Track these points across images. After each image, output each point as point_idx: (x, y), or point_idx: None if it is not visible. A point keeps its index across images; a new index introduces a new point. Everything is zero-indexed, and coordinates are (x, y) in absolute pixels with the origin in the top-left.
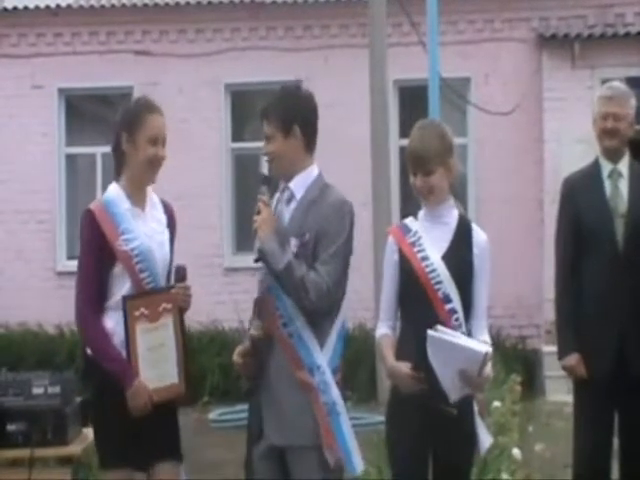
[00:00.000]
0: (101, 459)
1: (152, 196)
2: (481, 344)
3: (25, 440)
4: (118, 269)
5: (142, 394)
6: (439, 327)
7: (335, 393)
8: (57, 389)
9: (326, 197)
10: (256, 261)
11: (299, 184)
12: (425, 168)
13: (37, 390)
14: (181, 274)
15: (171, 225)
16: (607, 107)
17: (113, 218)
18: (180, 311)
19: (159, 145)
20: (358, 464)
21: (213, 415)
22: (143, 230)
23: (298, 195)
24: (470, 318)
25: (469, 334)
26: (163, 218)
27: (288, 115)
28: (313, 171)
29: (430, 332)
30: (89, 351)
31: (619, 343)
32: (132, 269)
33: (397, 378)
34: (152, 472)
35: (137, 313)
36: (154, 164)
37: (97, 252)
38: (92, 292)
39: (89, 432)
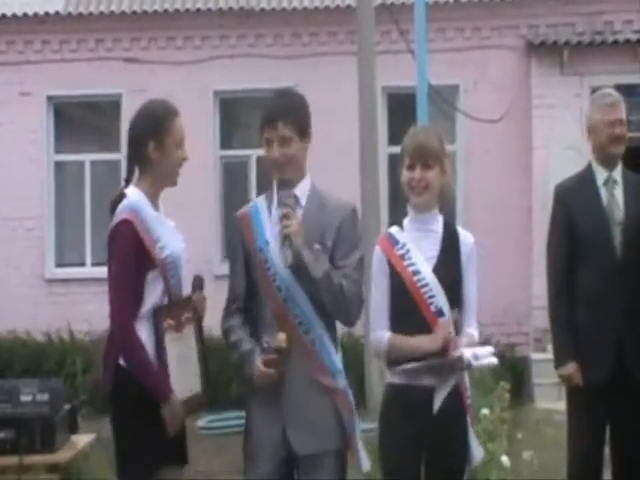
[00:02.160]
0: (125, 471)
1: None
2: (491, 354)
3: (13, 447)
4: (151, 276)
5: (179, 409)
6: (477, 353)
7: (351, 395)
8: (45, 396)
9: (333, 202)
10: (291, 268)
11: (302, 191)
12: (426, 161)
13: (25, 397)
14: (198, 283)
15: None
16: (613, 114)
17: (147, 225)
18: (199, 320)
19: (184, 147)
20: (365, 462)
21: (202, 422)
22: (170, 236)
23: (303, 202)
24: (461, 312)
25: (459, 328)
26: (173, 222)
27: (306, 119)
28: (309, 178)
29: (474, 363)
30: (122, 362)
31: (617, 350)
32: (166, 276)
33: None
34: (158, 472)
35: (166, 325)
36: (181, 166)
37: (136, 262)
38: (131, 302)
39: (77, 439)
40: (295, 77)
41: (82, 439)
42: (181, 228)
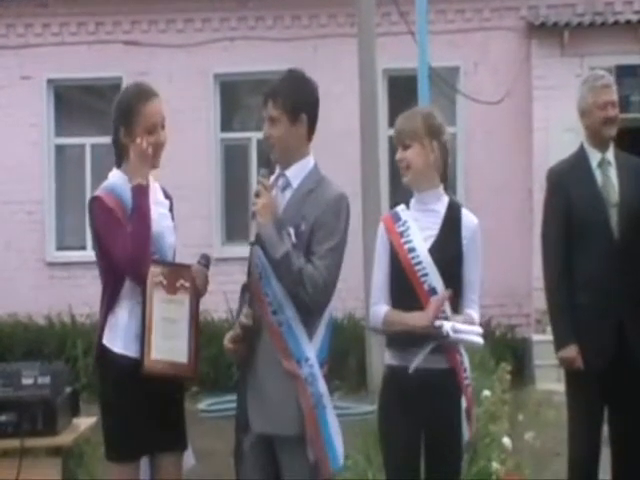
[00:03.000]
0: (111, 451)
1: (153, 182)
2: (477, 334)
3: (15, 431)
4: None
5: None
6: (458, 327)
7: (322, 386)
8: (47, 379)
9: (324, 189)
10: (252, 244)
11: (296, 173)
12: (402, 141)
13: (27, 380)
14: (203, 261)
15: (171, 209)
16: (606, 95)
17: (121, 201)
18: (197, 294)
19: (158, 131)
20: (339, 458)
21: (203, 405)
22: (153, 216)
23: (294, 184)
24: (461, 293)
25: (459, 309)
26: (166, 203)
27: (298, 101)
28: (310, 161)
29: (452, 335)
30: (105, 340)
31: (617, 332)
32: None
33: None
34: (156, 459)
35: (156, 279)
36: (158, 150)
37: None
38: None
39: (79, 422)
40: (295, 59)
41: (84, 422)
42: (182, 211)
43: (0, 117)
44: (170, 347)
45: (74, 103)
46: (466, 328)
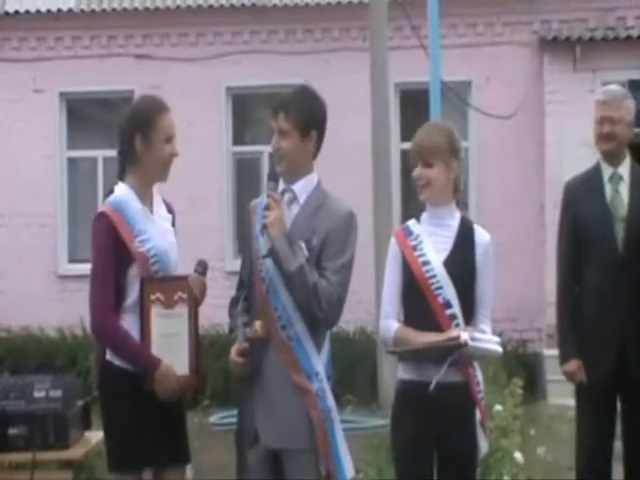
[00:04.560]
0: (112, 462)
1: (157, 195)
2: (496, 343)
3: (27, 444)
4: (134, 271)
5: (170, 377)
6: (477, 335)
7: (331, 400)
8: (59, 393)
9: (332, 205)
10: (264, 257)
11: (302, 188)
12: (425, 159)
13: (39, 394)
14: (200, 269)
15: (174, 223)
16: (602, 111)
17: (127, 219)
18: (195, 304)
19: (173, 142)
20: (349, 471)
21: (214, 418)
22: (156, 230)
23: (301, 199)
24: (475, 308)
25: (472, 324)
26: (169, 217)
27: (310, 118)
28: (314, 178)
29: (470, 343)
30: (108, 356)
31: (620, 347)
32: (148, 270)
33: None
34: (158, 472)
35: (153, 297)
36: (169, 163)
37: (113, 256)
38: (109, 297)
39: (91, 436)
40: (307, 73)
41: (95, 435)
42: (193, 224)
43: (13, 130)
44: (171, 361)
45: (86, 116)
46: (484, 337)
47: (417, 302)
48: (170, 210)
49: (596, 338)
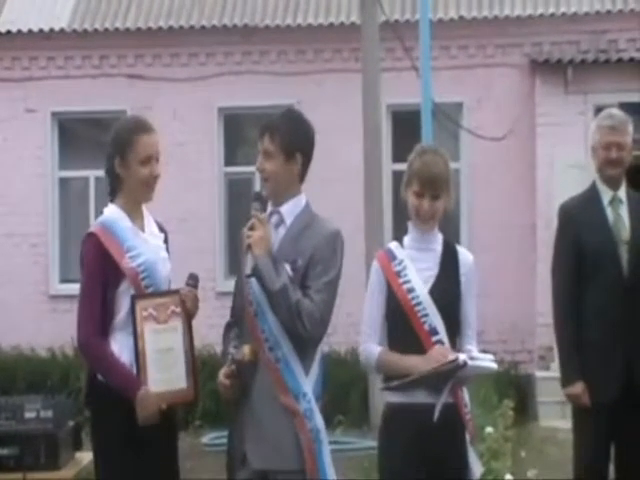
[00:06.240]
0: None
1: (148, 215)
2: (491, 360)
3: (17, 464)
4: (123, 287)
5: (150, 401)
6: (474, 354)
7: (319, 421)
8: (49, 413)
9: (318, 225)
10: (248, 277)
11: (289, 210)
12: (435, 191)
13: (29, 414)
14: (192, 282)
15: (166, 242)
16: (610, 137)
17: (116, 237)
18: (188, 317)
19: (152, 164)
20: None
21: (206, 439)
22: (146, 247)
23: (288, 221)
24: (460, 330)
25: (458, 346)
26: (161, 236)
27: (295, 140)
28: (302, 200)
29: (470, 362)
30: (99, 376)
31: (626, 369)
32: (138, 285)
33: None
34: None
35: (145, 313)
36: (149, 184)
37: (101, 275)
38: (95, 314)
39: (82, 456)
40: (299, 94)
41: (86, 456)
42: (185, 244)
43: (4, 150)
44: (167, 377)
45: (78, 136)
46: (480, 355)
47: (402, 328)
48: (162, 230)
49: (601, 361)
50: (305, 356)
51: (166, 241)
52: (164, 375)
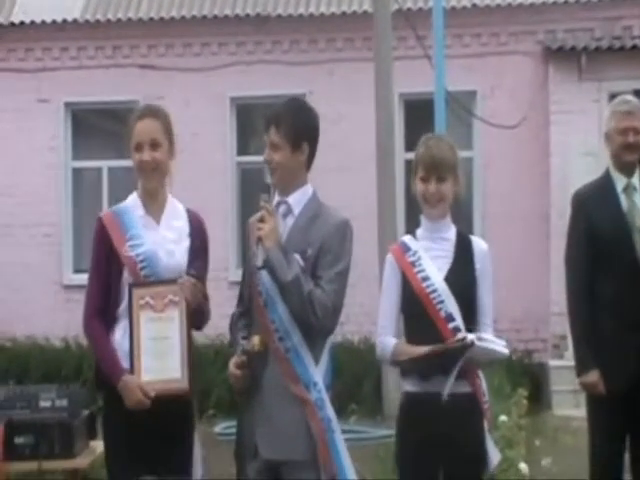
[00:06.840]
0: (109, 473)
1: (175, 205)
2: (503, 346)
3: (32, 453)
4: (126, 275)
5: (132, 389)
6: (482, 335)
7: (330, 410)
8: (64, 402)
9: (327, 215)
10: (260, 269)
11: (297, 200)
12: (440, 174)
13: (44, 403)
14: (195, 271)
15: (196, 234)
16: (627, 121)
17: (122, 225)
18: (188, 307)
19: (144, 150)
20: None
21: (219, 428)
22: (152, 238)
23: (296, 211)
24: (476, 318)
25: (474, 332)
26: (185, 228)
27: (300, 130)
28: (309, 189)
29: (477, 343)
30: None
31: None
32: (137, 275)
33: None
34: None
35: (142, 302)
36: (142, 169)
37: (105, 260)
38: (95, 299)
39: (97, 445)
40: (312, 83)
41: (100, 445)
42: None
43: (18, 140)
44: (162, 366)
45: (91, 126)
46: (490, 337)
47: (419, 318)
48: (194, 221)
49: (616, 349)
50: (315, 346)
51: (198, 231)
52: (157, 363)
